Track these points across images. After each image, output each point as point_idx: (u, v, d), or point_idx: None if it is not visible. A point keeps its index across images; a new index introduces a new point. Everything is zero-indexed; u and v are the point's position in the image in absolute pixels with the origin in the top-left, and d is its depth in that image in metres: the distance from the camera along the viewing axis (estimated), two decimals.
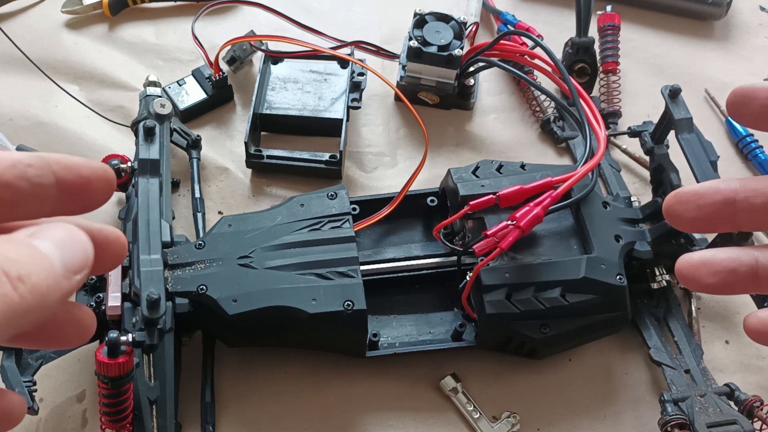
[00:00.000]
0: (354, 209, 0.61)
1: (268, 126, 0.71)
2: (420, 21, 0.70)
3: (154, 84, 0.64)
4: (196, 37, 0.72)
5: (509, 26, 0.77)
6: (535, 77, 0.74)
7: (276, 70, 0.73)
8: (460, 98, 0.74)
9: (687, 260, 0.28)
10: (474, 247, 0.53)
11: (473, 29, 0.78)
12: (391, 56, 0.73)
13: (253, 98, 0.68)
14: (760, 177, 0.27)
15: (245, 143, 0.66)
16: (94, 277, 0.54)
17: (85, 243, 0.23)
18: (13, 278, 0.20)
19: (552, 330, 0.54)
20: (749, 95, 0.28)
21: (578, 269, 0.54)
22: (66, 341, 0.27)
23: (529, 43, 0.69)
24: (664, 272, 0.58)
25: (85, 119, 0.71)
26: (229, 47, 0.71)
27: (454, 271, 0.59)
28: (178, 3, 0.80)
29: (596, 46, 0.75)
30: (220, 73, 0.71)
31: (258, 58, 0.74)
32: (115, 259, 0.27)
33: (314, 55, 0.70)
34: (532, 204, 0.53)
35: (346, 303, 0.52)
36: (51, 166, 0.24)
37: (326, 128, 0.69)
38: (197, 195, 0.65)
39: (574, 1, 0.73)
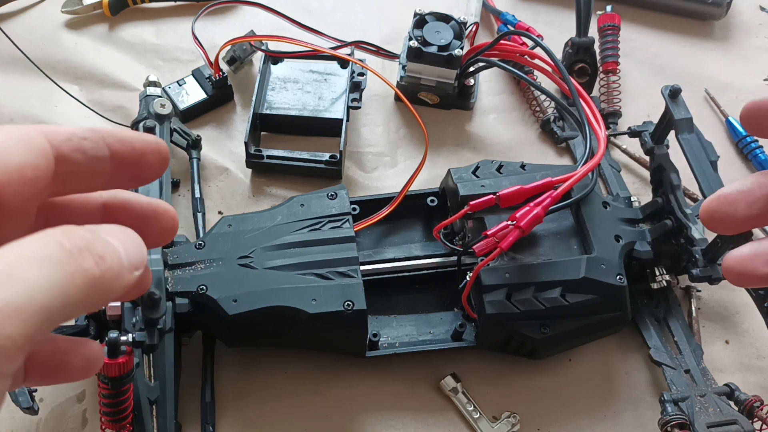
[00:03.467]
0: (354, 209, 0.61)
1: (268, 126, 0.71)
2: (420, 21, 0.70)
3: (154, 84, 0.64)
4: (196, 37, 0.72)
5: (509, 26, 0.77)
6: (535, 77, 0.74)
7: (276, 70, 0.73)
8: (460, 98, 0.74)
9: (736, 254, 0.27)
10: (474, 247, 0.53)
11: (473, 29, 0.78)
12: (391, 56, 0.73)
13: (253, 98, 0.68)
14: None
15: (245, 143, 0.66)
16: None
17: (140, 243, 0.24)
18: (95, 255, 0.21)
19: (552, 330, 0.54)
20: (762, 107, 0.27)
21: (578, 269, 0.54)
22: (72, 375, 0.27)
23: (529, 43, 0.69)
24: (664, 272, 0.58)
25: (85, 119, 0.71)
26: (229, 47, 0.71)
27: (454, 271, 0.59)
28: (178, 3, 0.80)
29: (596, 46, 0.75)
30: (220, 73, 0.71)
31: (258, 58, 0.74)
32: (165, 233, 0.28)
33: (314, 55, 0.70)
34: (532, 204, 0.53)
35: (346, 303, 0.52)
36: (105, 139, 0.25)
37: (326, 128, 0.69)
38: (197, 195, 0.65)
39: (574, 1, 0.73)
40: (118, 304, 0.50)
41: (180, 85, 0.72)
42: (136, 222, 0.26)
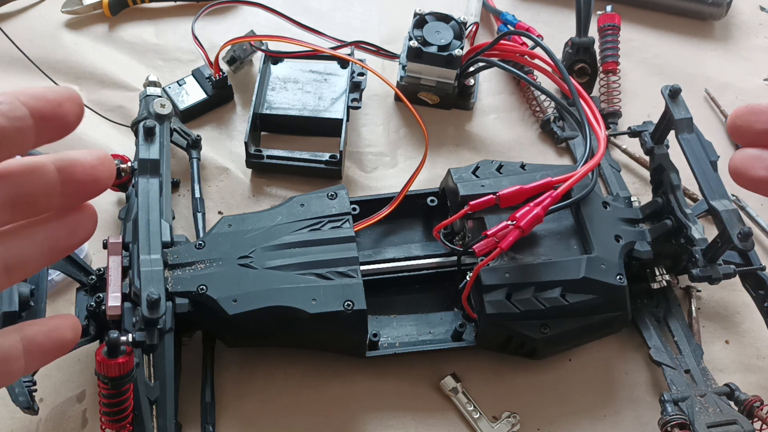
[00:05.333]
0: (354, 209, 0.61)
1: (268, 126, 0.71)
2: (420, 21, 0.70)
3: (154, 84, 0.64)
4: (196, 37, 0.72)
5: (509, 26, 0.77)
6: (535, 77, 0.74)
7: (276, 70, 0.73)
8: (460, 98, 0.74)
9: (742, 152, 0.29)
10: (474, 247, 0.53)
11: (473, 29, 0.78)
12: (391, 56, 0.73)
13: (253, 98, 0.68)
14: None
15: (245, 143, 0.66)
16: (94, 277, 0.54)
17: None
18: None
19: (552, 330, 0.54)
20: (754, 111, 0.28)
21: (578, 269, 0.54)
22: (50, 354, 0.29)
23: (529, 43, 0.69)
24: (664, 272, 0.58)
25: (85, 119, 0.70)
26: (229, 47, 0.71)
27: (454, 271, 0.59)
28: (178, 3, 0.80)
29: (596, 46, 0.75)
30: (220, 73, 0.71)
31: (258, 58, 0.74)
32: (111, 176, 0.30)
33: (314, 55, 0.70)
34: (532, 204, 0.53)
35: (346, 303, 0.52)
36: (19, 98, 0.26)
37: (326, 128, 0.69)
38: (197, 195, 0.65)
39: (574, 1, 0.73)
40: (118, 304, 0.50)
41: (180, 85, 0.72)
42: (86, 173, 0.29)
